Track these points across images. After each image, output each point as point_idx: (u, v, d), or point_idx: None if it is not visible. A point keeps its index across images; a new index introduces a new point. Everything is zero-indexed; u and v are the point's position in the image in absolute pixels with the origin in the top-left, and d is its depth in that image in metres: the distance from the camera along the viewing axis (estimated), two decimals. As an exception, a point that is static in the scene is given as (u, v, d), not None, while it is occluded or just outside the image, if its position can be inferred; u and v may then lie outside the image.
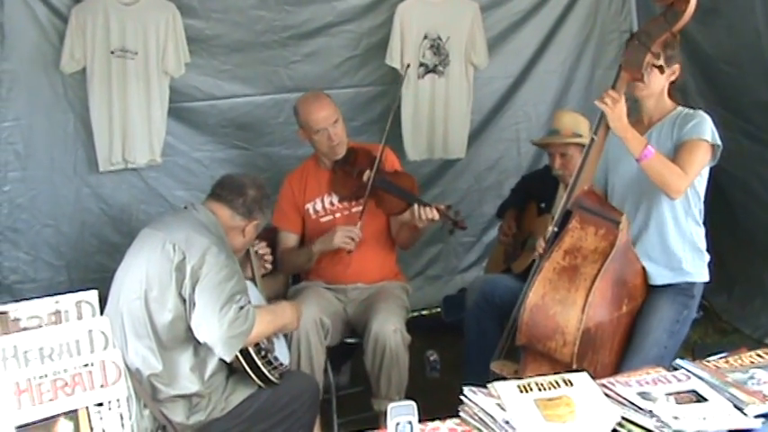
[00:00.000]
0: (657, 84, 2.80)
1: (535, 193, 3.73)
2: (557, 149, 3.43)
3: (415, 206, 3.23)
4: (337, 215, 3.45)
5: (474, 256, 4.70)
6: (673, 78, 2.82)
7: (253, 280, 3.01)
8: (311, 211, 3.46)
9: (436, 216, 3.23)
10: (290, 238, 3.49)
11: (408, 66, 3.88)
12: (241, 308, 2.56)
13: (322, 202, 3.46)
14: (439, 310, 4.42)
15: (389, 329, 3.14)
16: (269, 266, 3.16)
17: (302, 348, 3.11)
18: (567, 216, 2.77)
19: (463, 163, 4.47)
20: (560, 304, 2.61)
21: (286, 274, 3.53)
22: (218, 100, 3.99)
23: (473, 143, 4.43)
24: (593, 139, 2.73)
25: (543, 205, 3.63)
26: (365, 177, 3.35)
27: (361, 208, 3.36)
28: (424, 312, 4.50)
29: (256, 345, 2.69)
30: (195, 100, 3.97)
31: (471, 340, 3.34)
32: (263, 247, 3.13)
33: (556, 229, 2.78)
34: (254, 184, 2.86)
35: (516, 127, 4.52)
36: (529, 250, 3.39)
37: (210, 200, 2.84)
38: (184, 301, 2.58)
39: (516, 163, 4.55)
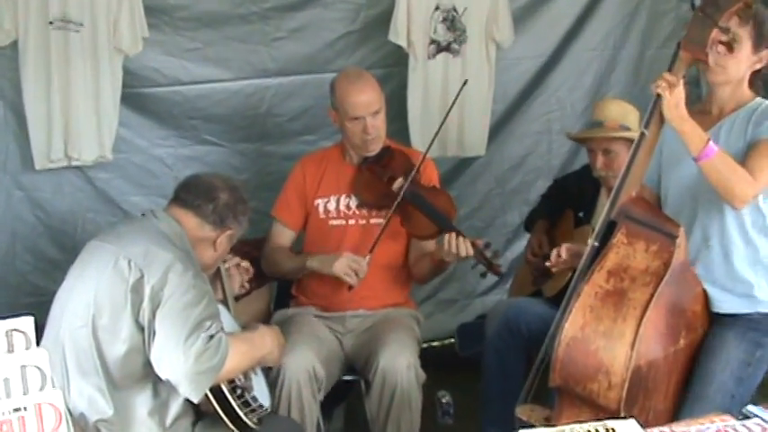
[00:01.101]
0: (737, 69, 2.80)
1: (571, 199, 3.74)
2: (599, 145, 3.45)
3: (447, 235, 3.28)
4: (351, 222, 3.49)
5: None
6: (759, 66, 2.83)
7: (224, 303, 3.02)
8: (321, 209, 3.50)
9: (470, 252, 3.28)
10: (284, 234, 3.54)
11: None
12: (211, 337, 2.57)
13: (337, 201, 3.50)
14: (452, 341, 4.46)
15: (401, 365, 3.17)
16: (247, 285, 3.18)
17: (292, 400, 3.13)
18: (610, 228, 2.77)
19: (483, 162, 4.51)
20: (604, 337, 2.62)
21: (268, 274, 3.57)
22: (184, 85, 4.00)
23: (495, 137, 4.46)
24: (643, 134, 2.74)
25: (581, 214, 3.65)
26: (396, 185, 3.41)
27: (381, 221, 3.41)
28: (434, 344, 4.53)
29: (231, 382, 2.70)
30: (155, 85, 3.96)
31: (492, 379, 3.34)
32: (238, 262, 3.14)
33: (597, 244, 2.77)
34: (227, 187, 2.87)
35: (548, 117, 4.55)
36: (564, 270, 3.35)
37: (174, 206, 2.84)
38: (142, 329, 2.59)
39: (547, 162, 4.58)
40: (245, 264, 3.15)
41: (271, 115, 4.14)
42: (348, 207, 3.47)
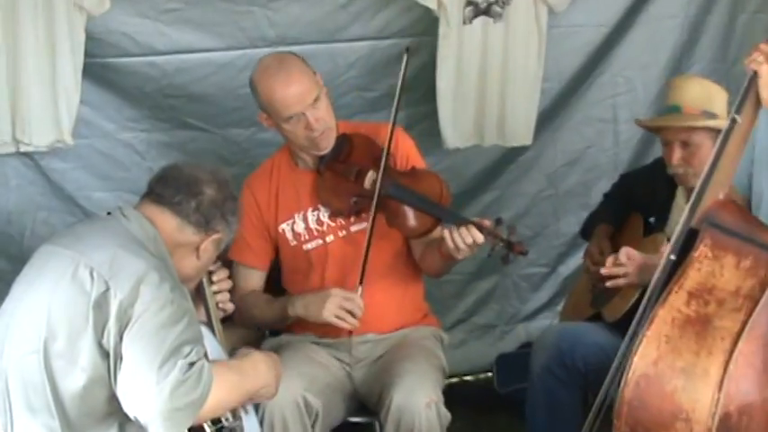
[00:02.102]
0: None
1: (640, 200, 3.75)
2: (675, 136, 3.45)
3: (446, 232, 3.27)
4: (329, 238, 3.50)
5: (545, 295, 4.78)
6: None
7: (209, 324, 3.03)
8: (289, 234, 3.53)
9: (478, 238, 3.25)
10: (251, 277, 3.55)
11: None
12: (191, 364, 2.56)
13: (305, 219, 3.51)
14: (489, 375, 4.49)
15: (419, 402, 3.16)
16: (230, 306, 3.19)
17: None
18: (691, 238, 2.76)
19: (531, 155, 4.52)
20: (683, 375, 2.59)
21: (243, 327, 3.56)
22: (161, 55, 4.00)
23: (546, 125, 4.48)
24: (734, 120, 2.74)
25: (652, 219, 3.66)
26: (368, 181, 3.41)
27: (364, 225, 3.42)
28: (467, 378, 4.59)
29: (215, 422, 2.70)
30: (125, 54, 3.95)
31: (538, 424, 3.37)
32: (223, 277, 3.14)
33: (674, 258, 2.77)
34: (213, 180, 2.87)
35: (613, 101, 4.55)
36: (631, 288, 3.40)
37: (147, 203, 2.84)
38: (107, 355, 2.58)
39: (612, 157, 4.59)
40: (224, 280, 3.16)
41: None
42: (320, 222, 3.49)
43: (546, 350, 3.43)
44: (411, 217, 3.38)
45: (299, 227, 3.50)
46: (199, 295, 3.06)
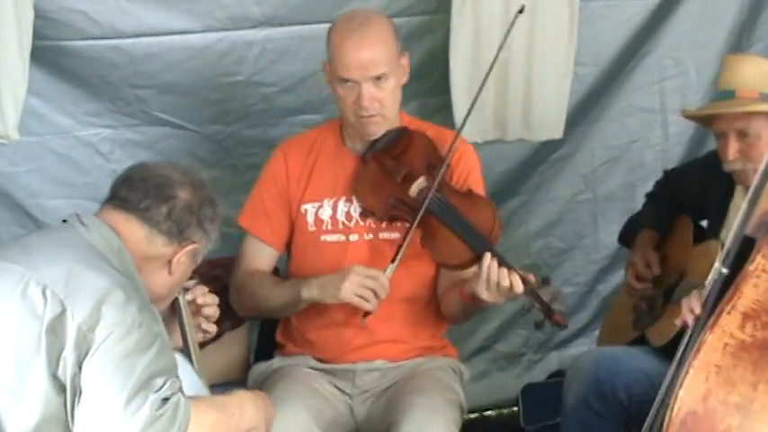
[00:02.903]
0: None
1: (691, 201, 3.77)
2: (730, 125, 3.44)
3: (486, 259, 3.27)
4: (353, 237, 3.54)
5: (582, 318, 4.83)
6: None
7: (185, 351, 3.05)
8: (311, 217, 3.56)
9: (518, 288, 3.25)
10: (262, 254, 3.59)
11: None
12: (165, 400, 2.56)
13: (333, 207, 3.55)
14: (514, 409, 4.54)
15: None
16: (213, 328, 3.18)
17: None
18: (746, 247, 2.80)
19: (564, 152, 4.57)
20: (739, 412, 2.61)
21: (240, 313, 3.60)
22: (127, 38, 4.00)
23: (581, 116, 4.51)
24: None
25: (705, 224, 3.69)
26: (414, 188, 3.45)
27: (396, 235, 3.47)
28: (488, 413, 4.62)
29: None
30: (83, 36, 3.94)
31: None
32: (203, 293, 3.14)
33: (726, 271, 2.79)
34: (188, 182, 2.89)
35: (660, 87, 4.58)
36: (677, 307, 3.36)
37: (110, 209, 2.85)
38: (63, 388, 2.57)
39: (661, 154, 4.62)
40: (204, 298, 3.15)
41: (254, 84, 4.18)
42: (348, 216, 3.53)
43: (581, 379, 3.45)
44: (449, 243, 3.40)
45: (325, 213, 3.54)
46: (173, 316, 3.07)
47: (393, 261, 3.35)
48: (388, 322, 3.45)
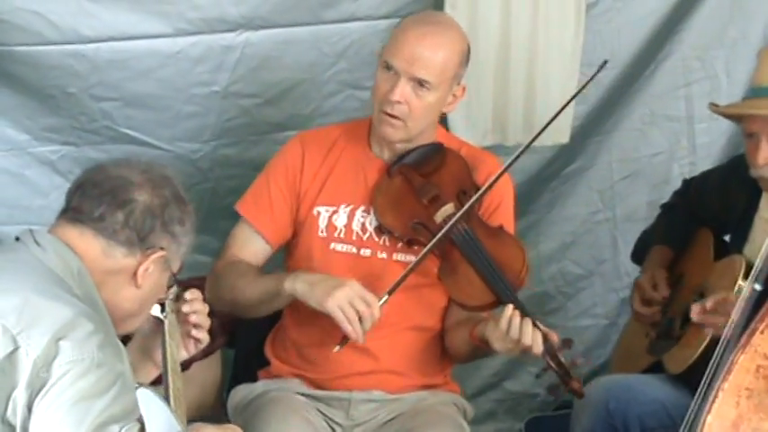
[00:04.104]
0: None
1: (712, 212, 3.78)
2: (764, 126, 3.39)
3: (509, 310, 3.23)
4: (365, 252, 3.50)
5: (603, 354, 4.73)
6: None
7: (164, 378, 2.96)
8: (323, 222, 3.51)
9: (536, 347, 3.22)
10: (253, 245, 3.55)
11: None
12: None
13: (350, 215, 3.51)
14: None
15: None
16: (205, 336, 3.08)
17: None
18: None
19: (578, 165, 4.56)
20: (773, 441, 2.64)
21: (215, 305, 3.46)
22: (89, 44, 3.92)
23: (597, 124, 4.50)
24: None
25: (728, 237, 3.69)
26: (440, 214, 3.39)
27: (410, 259, 3.42)
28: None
29: None
30: (40, 42, 3.86)
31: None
32: (194, 301, 3.07)
33: (759, 288, 2.81)
34: (148, 181, 2.79)
35: (686, 92, 4.53)
36: (698, 329, 3.41)
37: (64, 223, 2.76)
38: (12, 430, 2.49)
39: (688, 165, 4.56)
40: (193, 305, 3.07)
41: (233, 95, 4.10)
42: (364, 229, 3.48)
43: (590, 410, 3.47)
44: (470, 282, 3.36)
45: (340, 220, 3.50)
46: (158, 332, 3.03)
47: (390, 293, 3.32)
48: (393, 351, 3.45)
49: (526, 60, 4.23)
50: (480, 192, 3.40)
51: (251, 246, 3.53)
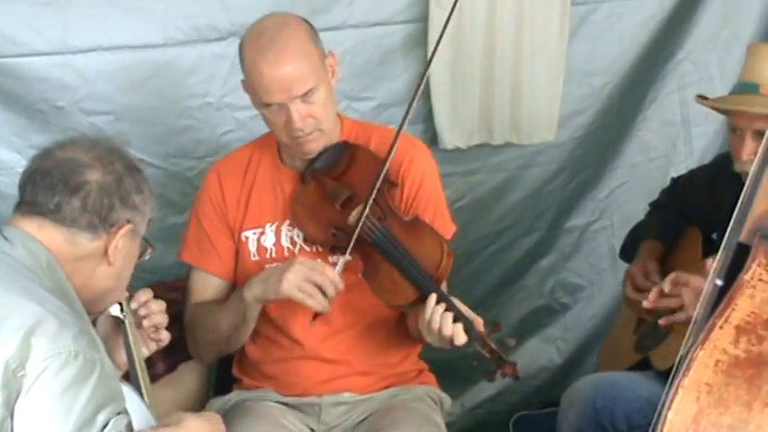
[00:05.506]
0: None
1: (700, 210, 3.79)
2: (750, 123, 3.42)
3: (430, 302, 3.19)
4: None
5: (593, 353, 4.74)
6: None
7: (132, 376, 2.96)
8: (252, 246, 3.48)
9: (459, 341, 3.15)
10: (212, 288, 3.51)
11: None
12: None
13: (276, 233, 3.47)
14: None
15: None
16: (165, 335, 3.09)
17: None
18: (740, 256, 2.77)
19: (570, 172, 4.57)
20: (732, 433, 2.63)
21: (198, 358, 3.56)
22: (76, 54, 3.93)
23: (592, 131, 4.50)
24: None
25: (716, 236, 3.65)
26: (353, 216, 3.34)
27: (343, 259, 3.39)
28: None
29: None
30: (27, 53, 3.87)
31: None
32: (148, 302, 3.05)
33: (721, 283, 2.77)
34: (97, 159, 2.75)
35: (681, 96, 4.56)
36: (684, 326, 3.29)
37: (20, 217, 2.75)
38: (-8, 436, 2.54)
39: (686, 170, 4.40)
40: (149, 306, 3.05)
41: (227, 107, 4.11)
42: (293, 242, 3.44)
43: (577, 408, 3.46)
44: (392, 281, 3.30)
45: (268, 240, 3.46)
46: (117, 334, 3.01)
47: (344, 253, 3.28)
48: (353, 353, 3.42)
49: (512, 60, 4.23)
50: (381, 173, 3.30)
51: (209, 288, 3.51)
